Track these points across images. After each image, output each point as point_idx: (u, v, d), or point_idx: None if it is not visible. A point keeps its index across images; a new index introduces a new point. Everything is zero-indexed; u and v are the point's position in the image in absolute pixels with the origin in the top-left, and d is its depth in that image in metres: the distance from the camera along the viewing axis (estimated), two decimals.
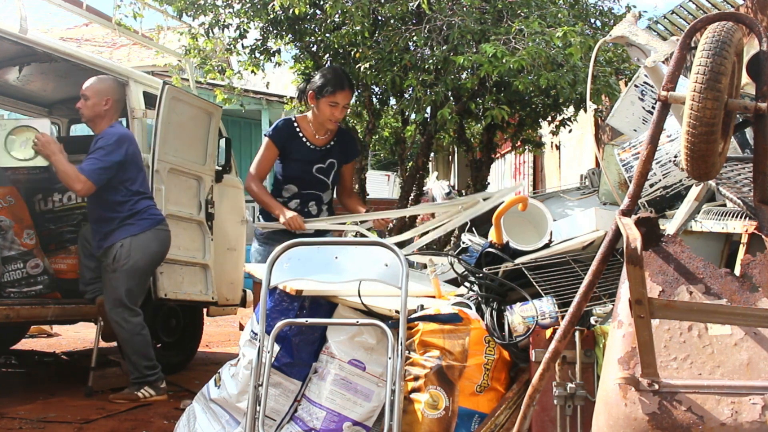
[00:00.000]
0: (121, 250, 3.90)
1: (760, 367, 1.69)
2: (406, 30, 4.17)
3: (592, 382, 2.35)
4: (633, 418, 1.66)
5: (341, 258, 2.70)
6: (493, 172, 7.89)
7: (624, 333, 1.76)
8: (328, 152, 3.68)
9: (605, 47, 4.25)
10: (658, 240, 1.87)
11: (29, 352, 5.61)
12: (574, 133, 6.87)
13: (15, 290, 4.17)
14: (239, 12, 4.56)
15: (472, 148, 5.54)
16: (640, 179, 1.95)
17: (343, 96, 3.55)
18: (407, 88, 4.29)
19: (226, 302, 5.16)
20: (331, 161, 3.69)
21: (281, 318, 2.62)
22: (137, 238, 3.93)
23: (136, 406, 3.83)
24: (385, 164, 15.11)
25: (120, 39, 9.75)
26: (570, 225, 3.30)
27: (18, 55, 4.53)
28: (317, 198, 3.71)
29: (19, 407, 3.65)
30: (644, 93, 3.41)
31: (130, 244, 3.90)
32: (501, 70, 3.72)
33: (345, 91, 3.56)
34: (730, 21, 1.90)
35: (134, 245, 3.91)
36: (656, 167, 3.09)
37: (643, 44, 2.45)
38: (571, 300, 1.98)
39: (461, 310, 2.66)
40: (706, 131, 1.80)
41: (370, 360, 2.63)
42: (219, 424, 2.79)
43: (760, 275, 1.81)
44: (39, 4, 9.21)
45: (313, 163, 3.65)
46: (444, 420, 2.48)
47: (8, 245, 4.19)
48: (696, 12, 6.65)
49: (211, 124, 4.82)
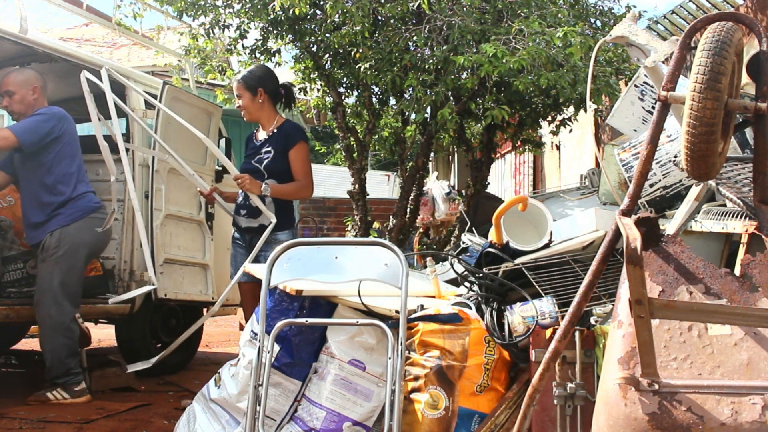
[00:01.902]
0: (50, 239, 3.81)
1: (760, 367, 1.69)
2: (406, 30, 4.16)
3: (592, 382, 2.35)
4: (633, 418, 1.66)
5: (341, 258, 2.70)
6: (493, 172, 7.89)
7: (624, 333, 1.76)
8: (264, 143, 3.86)
9: (605, 47, 4.25)
10: (658, 240, 1.87)
11: (29, 352, 5.61)
12: (574, 133, 6.87)
13: (15, 290, 4.16)
14: (239, 12, 4.56)
15: (472, 148, 5.54)
16: (640, 179, 1.95)
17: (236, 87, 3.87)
18: (407, 88, 4.28)
19: (226, 302, 5.16)
20: (267, 150, 3.83)
21: (281, 318, 2.62)
22: (68, 228, 3.83)
23: (136, 406, 3.82)
24: (385, 164, 15.10)
25: (120, 39, 9.75)
26: (570, 225, 3.30)
27: (18, 55, 4.52)
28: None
29: (19, 407, 3.65)
30: (644, 93, 3.41)
31: (60, 234, 3.82)
32: (501, 70, 3.72)
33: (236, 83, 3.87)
34: (730, 21, 1.90)
35: (64, 235, 3.81)
36: (656, 167, 3.09)
37: (643, 44, 2.45)
38: (571, 300, 1.98)
39: (461, 310, 2.67)
40: (706, 131, 1.80)
41: (370, 360, 2.63)
42: (219, 424, 2.79)
43: (760, 275, 1.81)
44: (39, 4, 9.22)
45: (254, 155, 3.87)
46: (444, 420, 2.48)
47: (8, 245, 4.19)
48: (696, 12, 6.64)
49: (211, 124, 4.82)
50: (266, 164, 3.79)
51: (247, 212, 3.81)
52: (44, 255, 3.82)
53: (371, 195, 5.30)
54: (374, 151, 6.71)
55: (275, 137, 3.84)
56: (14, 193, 4.41)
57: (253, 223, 3.79)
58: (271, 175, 3.78)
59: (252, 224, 3.80)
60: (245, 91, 3.82)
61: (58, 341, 3.78)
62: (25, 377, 4.88)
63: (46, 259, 3.80)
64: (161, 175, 4.38)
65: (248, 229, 3.82)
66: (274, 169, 3.78)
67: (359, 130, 5.19)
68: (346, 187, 5.09)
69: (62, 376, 3.78)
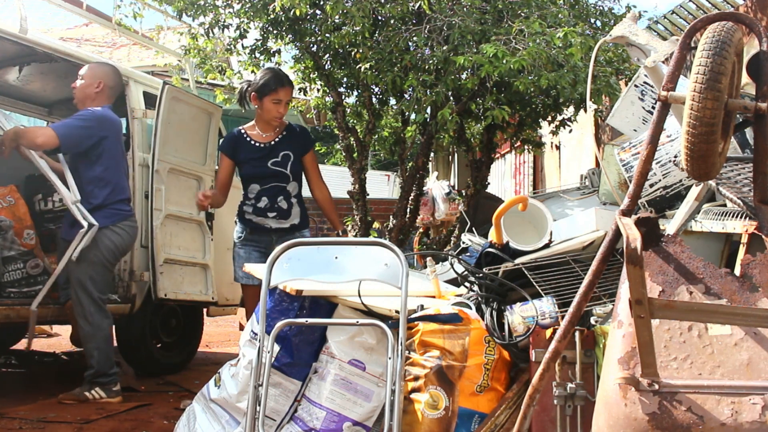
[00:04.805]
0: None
1: (760, 367, 1.69)
2: (406, 30, 4.16)
3: (592, 382, 2.35)
4: (633, 418, 1.66)
5: (341, 258, 2.70)
6: (493, 172, 7.89)
7: (624, 333, 1.76)
8: (278, 145, 3.85)
9: (605, 47, 4.25)
10: (658, 240, 1.87)
11: (29, 352, 5.61)
12: (574, 133, 6.87)
13: (15, 290, 4.16)
14: (239, 12, 4.56)
15: (472, 148, 5.53)
16: (640, 179, 1.95)
17: (284, 92, 3.79)
18: (407, 88, 4.28)
19: (226, 302, 5.16)
20: (285, 153, 3.84)
21: (281, 318, 2.62)
22: (102, 231, 3.86)
23: (136, 406, 3.83)
24: (385, 164, 15.09)
25: (120, 39, 9.74)
26: (570, 225, 3.30)
27: (18, 55, 4.53)
28: (282, 191, 3.84)
29: (19, 407, 3.65)
30: (644, 93, 3.41)
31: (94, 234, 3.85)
32: (501, 70, 3.71)
33: (286, 88, 3.80)
34: (730, 21, 1.90)
35: (99, 236, 3.85)
36: (656, 167, 3.09)
37: (643, 44, 2.45)
38: (571, 300, 1.98)
39: (461, 310, 2.66)
40: (706, 131, 1.80)
41: (370, 360, 2.63)
42: (219, 424, 2.79)
43: (760, 275, 1.81)
44: (39, 4, 9.22)
45: (266, 158, 3.82)
46: (444, 420, 2.48)
47: (8, 245, 4.19)
48: (696, 12, 6.64)
49: (211, 124, 4.82)
50: (291, 168, 3.83)
51: (277, 214, 3.83)
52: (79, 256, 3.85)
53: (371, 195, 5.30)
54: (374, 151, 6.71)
55: (288, 139, 3.87)
56: (14, 193, 4.41)
57: (284, 224, 3.84)
58: (294, 178, 3.86)
59: (283, 225, 3.84)
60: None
61: (100, 339, 3.86)
62: (25, 377, 4.88)
63: (80, 261, 3.85)
64: (161, 175, 4.38)
65: (278, 230, 3.84)
66: (297, 173, 3.87)
67: (359, 130, 5.18)
68: (346, 187, 5.09)
69: (105, 375, 3.87)
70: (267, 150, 3.84)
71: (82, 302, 3.85)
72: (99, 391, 3.84)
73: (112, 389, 3.88)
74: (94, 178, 3.90)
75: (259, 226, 3.85)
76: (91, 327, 3.86)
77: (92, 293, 3.85)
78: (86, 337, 3.89)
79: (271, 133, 3.87)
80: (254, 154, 3.85)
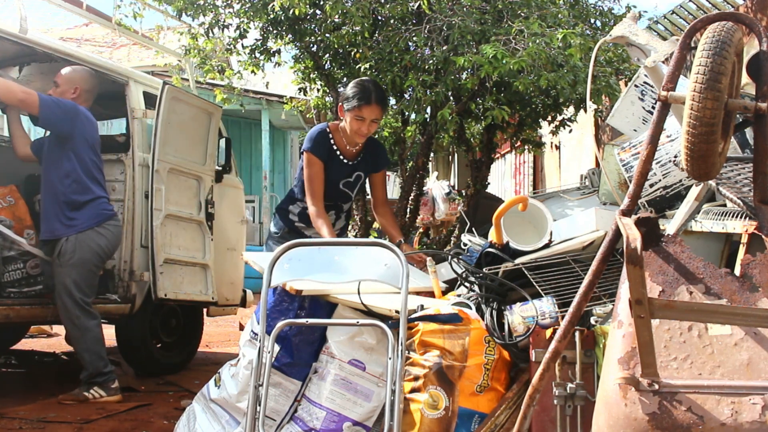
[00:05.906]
0: (66, 245, 3.91)
1: (760, 367, 1.69)
2: (406, 30, 4.16)
3: (592, 382, 2.35)
4: (633, 418, 1.66)
5: (341, 258, 2.70)
6: (493, 172, 7.90)
7: (624, 333, 1.76)
8: (357, 166, 3.60)
9: (605, 47, 4.25)
10: (658, 240, 1.87)
11: (29, 352, 5.61)
12: (574, 133, 6.87)
13: (15, 290, 4.17)
14: (239, 12, 4.56)
15: (472, 148, 5.54)
16: (640, 179, 1.95)
17: (369, 111, 3.32)
18: (407, 88, 4.28)
19: (226, 302, 5.16)
20: (358, 174, 3.62)
21: (281, 318, 2.62)
22: (84, 234, 3.92)
23: (136, 406, 3.83)
24: None
25: (120, 39, 9.75)
26: (570, 225, 3.29)
27: (18, 55, 4.53)
28: (337, 208, 3.69)
29: (19, 407, 3.65)
30: (644, 93, 3.41)
31: (75, 240, 3.91)
32: (501, 70, 3.71)
33: (372, 106, 3.32)
34: (730, 21, 1.90)
35: (80, 240, 3.91)
36: (656, 167, 3.09)
37: (643, 44, 2.45)
38: (571, 300, 1.98)
39: (461, 310, 2.66)
40: (706, 131, 1.80)
41: (370, 360, 2.63)
42: (219, 424, 2.79)
43: (760, 275, 1.81)
44: (39, 4, 9.23)
45: (342, 178, 3.56)
46: (444, 420, 2.48)
47: (8, 245, 4.19)
48: (696, 12, 6.65)
49: (211, 124, 4.82)
50: (357, 189, 3.67)
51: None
52: (61, 260, 3.91)
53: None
54: None
55: (366, 159, 3.60)
56: (14, 193, 4.41)
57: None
58: (354, 197, 3.73)
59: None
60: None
61: (89, 339, 3.89)
62: (25, 377, 4.88)
63: (64, 264, 3.90)
64: (161, 175, 4.37)
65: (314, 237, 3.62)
66: (359, 191, 3.76)
67: None
68: None
69: (101, 374, 3.89)
70: (347, 169, 3.57)
71: (67, 306, 3.89)
72: (98, 390, 3.86)
73: (111, 387, 3.90)
74: (72, 171, 3.94)
75: (298, 229, 3.65)
76: (78, 330, 3.89)
77: (75, 296, 3.89)
78: (75, 339, 3.94)
79: (353, 150, 3.55)
80: (336, 174, 3.54)
